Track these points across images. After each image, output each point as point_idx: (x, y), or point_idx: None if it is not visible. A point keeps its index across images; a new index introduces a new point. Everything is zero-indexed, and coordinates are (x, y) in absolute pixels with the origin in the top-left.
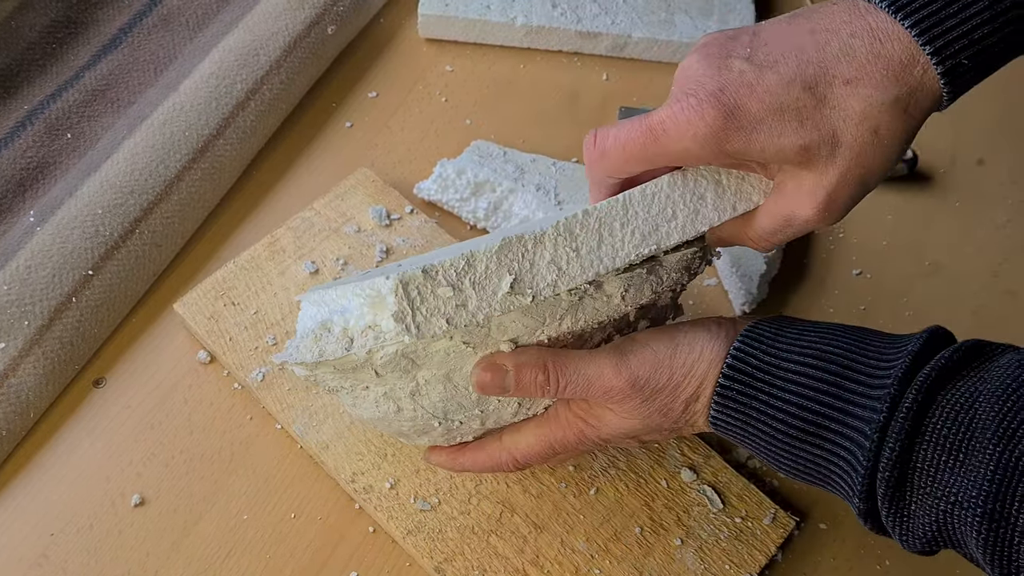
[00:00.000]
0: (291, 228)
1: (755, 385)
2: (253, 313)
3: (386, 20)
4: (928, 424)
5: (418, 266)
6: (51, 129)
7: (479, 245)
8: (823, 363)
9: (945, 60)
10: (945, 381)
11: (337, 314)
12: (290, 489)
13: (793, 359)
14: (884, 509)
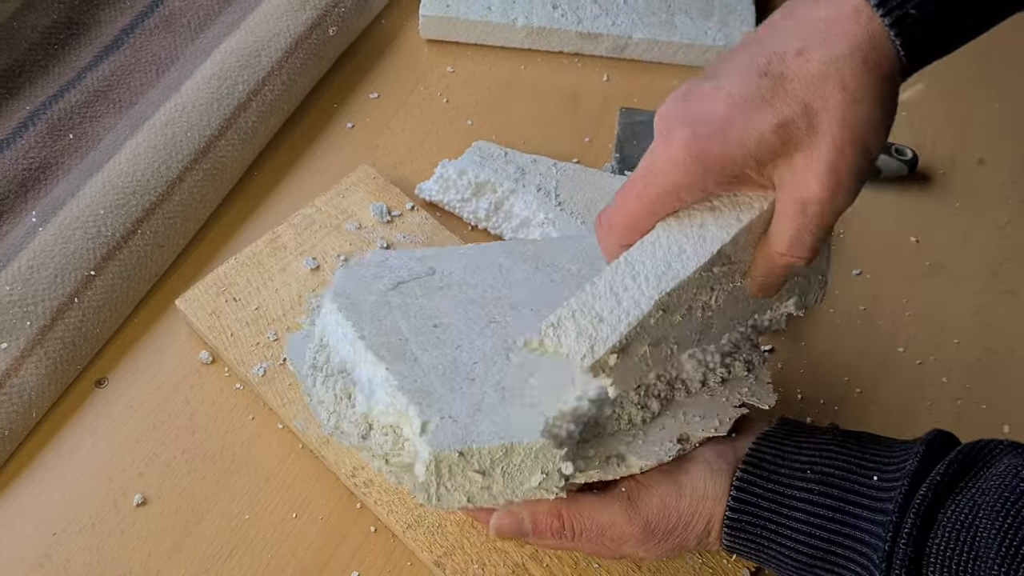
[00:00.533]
0: (292, 225)
1: (762, 515)
2: (254, 309)
3: (387, 21)
4: (931, 547)
5: (455, 446)
6: (53, 130)
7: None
8: (825, 488)
9: (890, 9)
10: (944, 497)
11: (364, 382)
12: (292, 489)
13: (796, 485)
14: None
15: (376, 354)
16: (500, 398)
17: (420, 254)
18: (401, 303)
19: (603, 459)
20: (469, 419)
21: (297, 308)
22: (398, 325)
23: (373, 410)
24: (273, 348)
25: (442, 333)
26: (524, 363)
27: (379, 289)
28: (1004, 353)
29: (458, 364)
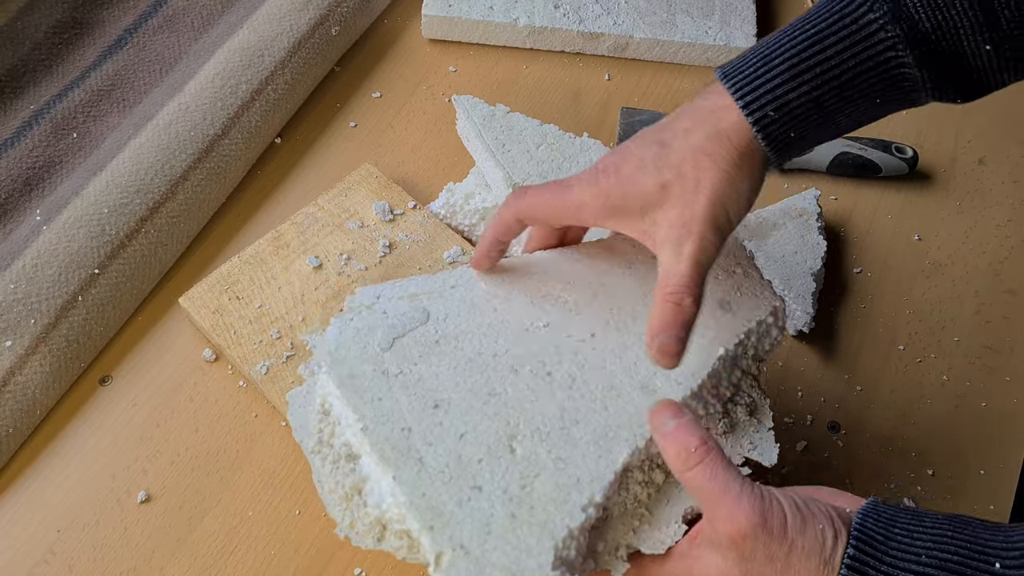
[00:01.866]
0: (295, 223)
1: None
2: (257, 307)
3: (390, 21)
4: None
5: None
6: (57, 129)
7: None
8: (945, 574)
9: (751, 108)
10: None
11: (373, 481)
12: (294, 486)
13: (912, 569)
14: None
15: (381, 456)
16: (510, 516)
17: (412, 288)
18: (399, 372)
19: (612, 552)
20: (480, 548)
21: (300, 307)
22: (399, 406)
23: (385, 515)
24: (276, 346)
25: (444, 417)
26: (528, 460)
27: (374, 351)
28: (1004, 351)
29: (463, 463)
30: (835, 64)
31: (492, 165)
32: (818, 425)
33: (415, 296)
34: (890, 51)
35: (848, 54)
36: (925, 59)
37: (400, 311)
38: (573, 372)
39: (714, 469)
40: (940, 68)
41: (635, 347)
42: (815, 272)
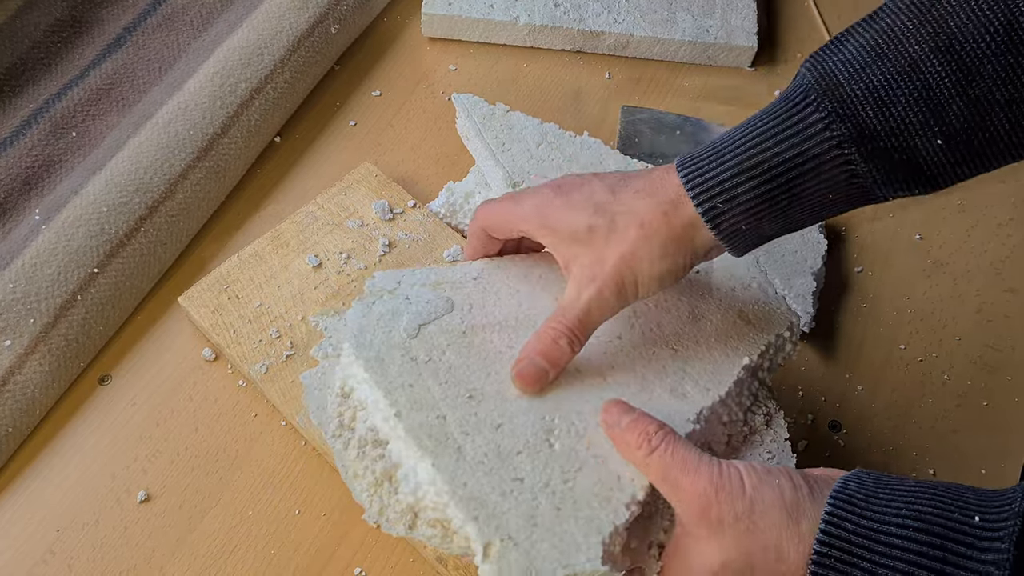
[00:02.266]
0: (295, 222)
1: (855, 552)
2: (257, 306)
3: (389, 19)
4: None
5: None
6: (56, 128)
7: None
8: (924, 525)
9: (700, 199)
10: None
11: (406, 468)
12: (294, 485)
13: (892, 522)
14: None
15: (418, 443)
16: (555, 509)
17: (433, 277)
18: (427, 360)
19: (645, 549)
20: (527, 539)
21: (300, 306)
22: (432, 394)
23: (419, 503)
24: (275, 345)
25: (478, 408)
26: (567, 455)
27: (400, 336)
28: (1006, 351)
29: (503, 455)
30: (780, 161)
31: (492, 164)
32: (819, 424)
33: (438, 284)
34: (835, 149)
35: (793, 152)
36: (874, 156)
37: (423, 298)
38: (603, 371)
39: (674, 448)
40: (890, 165)
41: (661, 353)
42: (815, 271)
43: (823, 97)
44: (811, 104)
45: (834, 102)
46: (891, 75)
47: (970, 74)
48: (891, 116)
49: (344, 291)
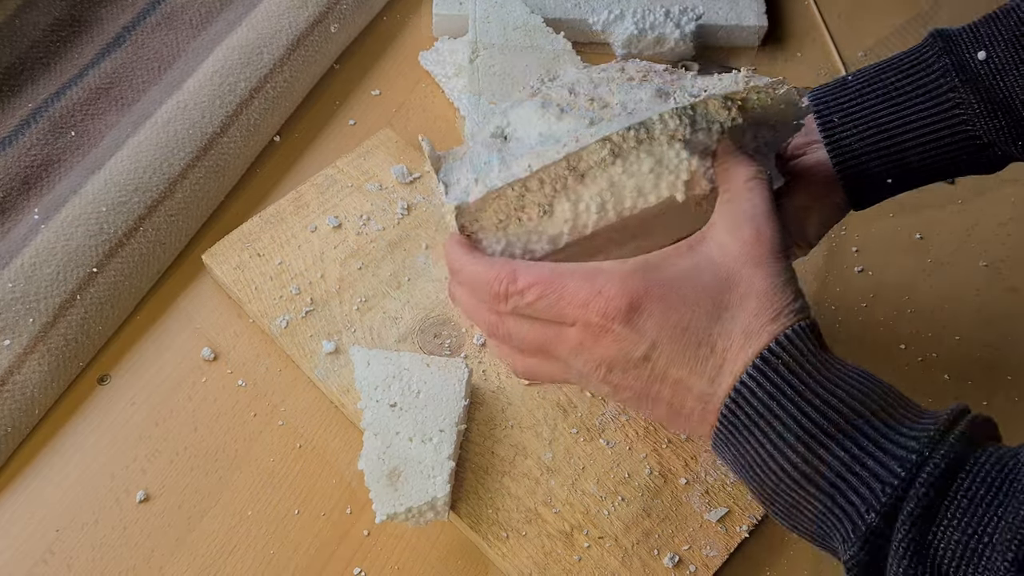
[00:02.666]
0: (315, 184)
1: (799, 372)
2: (278, 264)
3: (389, 18)
4: (973, 462)
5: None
6: (55, 127)
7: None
8: (871, 382)
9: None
10: (992, 429)
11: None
12: (294, 485)
13: (842, 365)
14: (901, 540)
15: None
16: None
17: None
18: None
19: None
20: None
21: (320, 264)
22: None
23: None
24: (295, 302)
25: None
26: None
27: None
28: (1006, 350)
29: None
30: (883, 65)
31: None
32: None
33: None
34: (936, 62)
35: (897, 59)
36: (971, 82)
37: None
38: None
39: (542, 273)
40: (989, 96)
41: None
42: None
43: (937, 37)
44: (926, 45)
45: (944, 40)
46: (995, 28)
47: None
48: (989, 51)
49: (363, 251)
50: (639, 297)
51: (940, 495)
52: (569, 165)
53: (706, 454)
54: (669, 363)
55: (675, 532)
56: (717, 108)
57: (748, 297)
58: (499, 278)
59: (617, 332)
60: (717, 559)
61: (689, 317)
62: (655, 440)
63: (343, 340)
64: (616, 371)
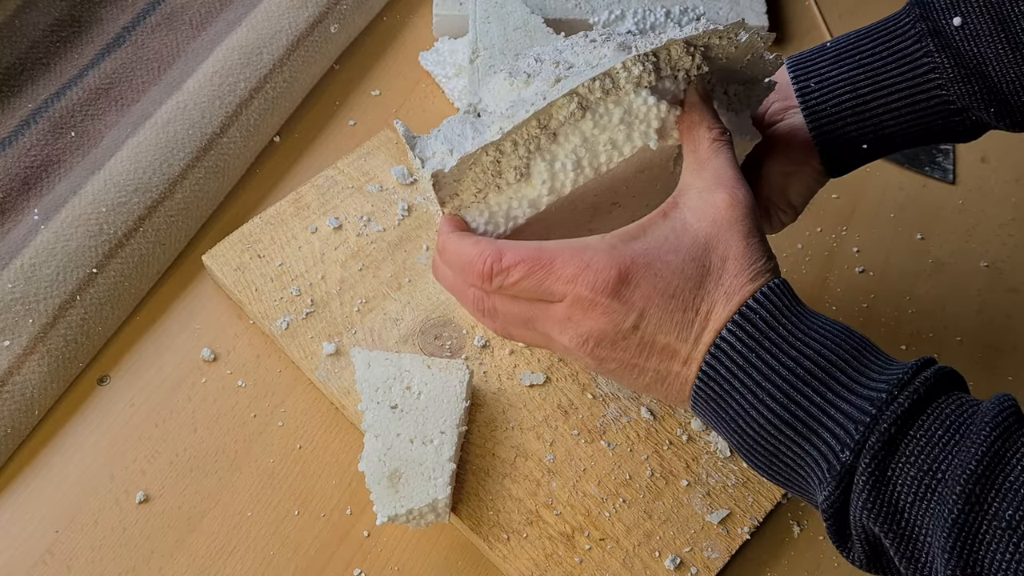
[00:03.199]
0: (315, 186)
1: (775, 325)
2: (278, 265)
3: (389, 19)
4: (935, 406)
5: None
6: (55, 127)
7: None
8: (845, 333)
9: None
10: (958, 381)
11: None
12: (293, 486)
13: (816, 318)
14: (862, 473)
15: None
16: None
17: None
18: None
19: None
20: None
21: (320, 265)
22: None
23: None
24: (296, 303)
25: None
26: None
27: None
28: (1007, 350)
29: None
30: (860, 33)
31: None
32: None
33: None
34: (912, 28)
35: (873, 27)
36: (945, 48)
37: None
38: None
39: (529, 251)
40: (961, 60)
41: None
42: None
43: (914, 4)
44: (904, 12)
45: (921, 6)
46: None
47: None
48: (965, 17)
49: (364, 252)
50: (626, 268)
51: (901, 432)
52: (540, 124)
53: (707, 456)
54: (656, 331)
55: (676, 534)
56: (680, 54)
57: (727, 259)
58: (483, 257)
59: (606, 305)
60: (718, 561)
61: (676, 284)
62: (656, 442)
63: (344, 342)
64: (604, 344)
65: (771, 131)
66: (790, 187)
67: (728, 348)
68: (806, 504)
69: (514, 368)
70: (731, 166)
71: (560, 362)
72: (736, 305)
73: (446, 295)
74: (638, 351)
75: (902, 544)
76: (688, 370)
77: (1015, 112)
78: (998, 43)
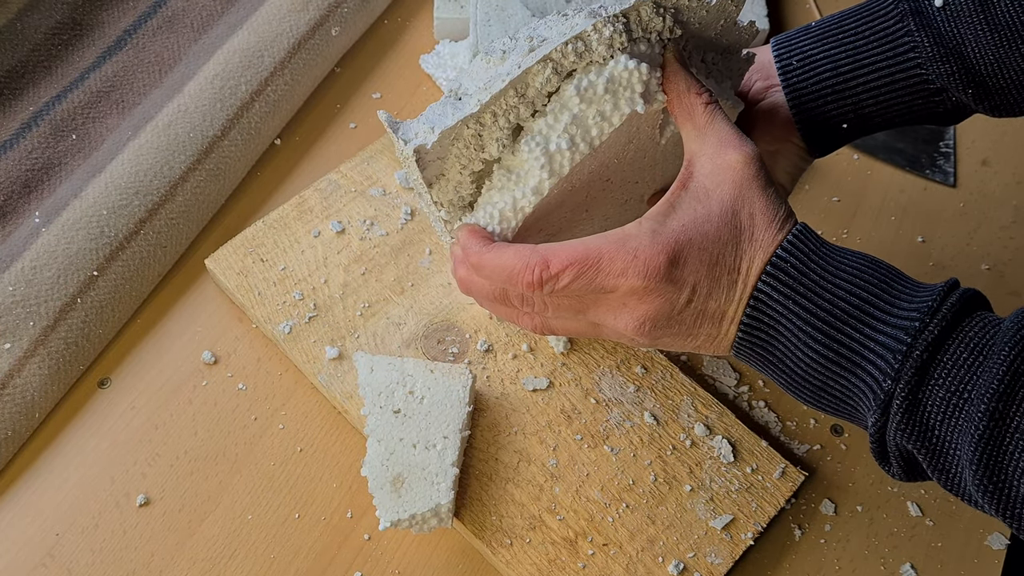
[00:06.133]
0: (318, 190)
1: (811, 265)
2: (281, 269)
3: (390, 22)
4: (960, 329)
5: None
6: (56, 130)
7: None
8: (872, 265)
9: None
10: (982, 302)
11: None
12: (294, 489)
13: (845, 253)
14: (896, 397)
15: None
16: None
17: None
18: None
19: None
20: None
21: (323, 269)
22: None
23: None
24: (298, 307)
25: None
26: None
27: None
28: None
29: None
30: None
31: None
32: (822, 428)
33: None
34: (895, 8)
35: (856, 8)
36: (926, 27)
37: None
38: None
39: (577, 251)
40: (941, 39)
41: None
42: None
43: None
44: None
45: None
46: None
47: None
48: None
49: (367, 256)
50: (673, 249)
51: (932, 358)
52: (517, 93)
53: (711, 461)
54: (707, 298)
55: (680, 539)
56: (650, 15)
57: (755, 215)
58: (530, 267)
59: (661, 289)
60: (722, 567)
61: (718, 250)
62: (659, 447)
63: (346, 346)
64: (660, 323)
65: (754, 110)
66: (776, 166)
67: (766, 298)
68: (808, 508)
69: (517, 373)
70: (730, 126)
71: (563, 367)
72: (769, 254)
73: (449, 299)
74: (692, 321)
75: (934, 459)
76: (733, 323)
77: (993, 95)
78: (978, 24)
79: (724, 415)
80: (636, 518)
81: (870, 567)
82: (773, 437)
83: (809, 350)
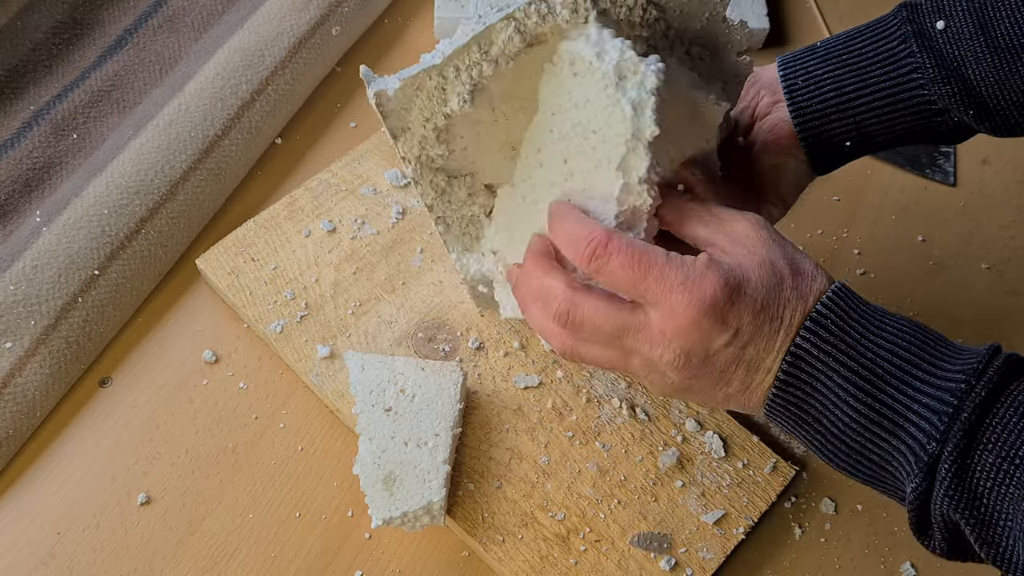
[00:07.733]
0: (309, 189)
1: (850, 323)
2: (272, 269)
3: (391, 21)
4: (1008, 393)
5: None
6: (57, 129)
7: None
8: (912, 326)
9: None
10: (1014, 378)
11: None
12: (294, 488)
13: (886, 315)
14: (944, 461)
15: None
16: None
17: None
18: None
19: None
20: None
21: (314, 269)
22: None
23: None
24: (290, 306)
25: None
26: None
27: None
28: None
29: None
30: (849, 34)
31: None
32: None
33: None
34: (899, 29)
35: (861, 27)
36: (928, 49)
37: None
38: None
39: (636, 251)
40: (942, 61)
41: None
42: None
43: (903, 7)
44: (892, 14)
45: (908, 9)
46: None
47: None
48: (948, 20)
49: (357, 255)
50: (732, 282)
51: (980, 421)
52: (480, 49)
53: (702, 456)
54: (747, 343)
55: (672, 535)
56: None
57: (789, 263)
58: (592, 235)
59: (706, 325)
60: (714, 562)
61: (763, 295)
62: (651, 443)
63: (338, 345)
64: (694, 362)
65: (760, 124)
66: (781, 180)
67: (804, 353)
68: (808, 506)
69: (508, 370)
70: (729, 211)
71: (554, 364)
72: (808, 307)
73: (440, 298)
74: (727, 365)
75: (983, 530)
76: (771, 378)
77: (994, 116)
78: (978, 46)
79: (715, 410)
80: (628, 514)
81: (870, 566)
82: (765, 433)
83: (848, 408)
